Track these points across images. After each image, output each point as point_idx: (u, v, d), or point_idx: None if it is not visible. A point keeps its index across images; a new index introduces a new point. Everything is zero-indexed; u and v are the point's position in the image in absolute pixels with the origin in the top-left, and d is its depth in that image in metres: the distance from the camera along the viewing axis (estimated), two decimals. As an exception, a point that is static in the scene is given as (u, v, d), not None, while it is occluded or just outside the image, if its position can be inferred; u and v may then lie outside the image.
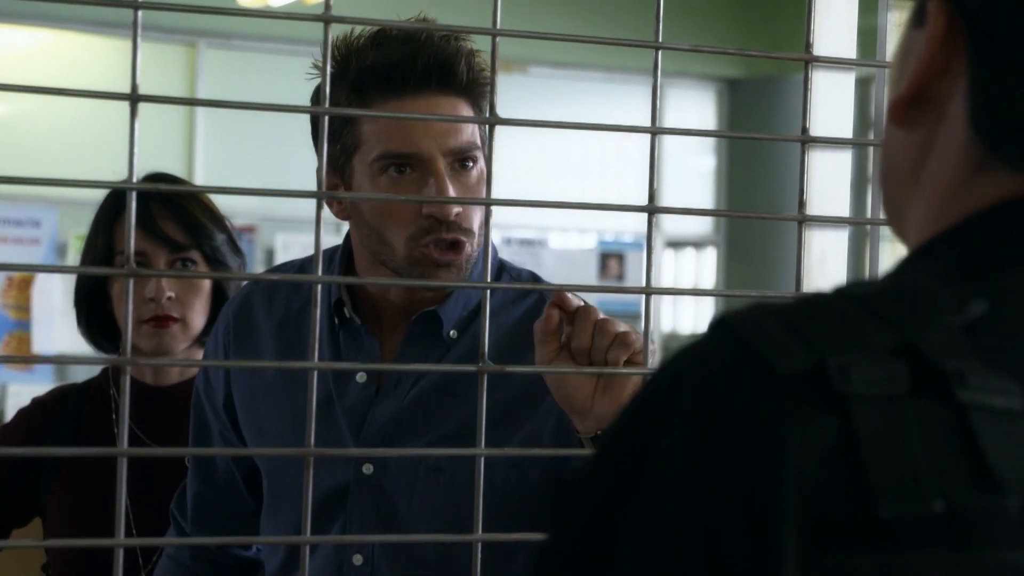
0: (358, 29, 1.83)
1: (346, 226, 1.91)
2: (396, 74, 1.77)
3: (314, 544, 1.80)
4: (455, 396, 1.83)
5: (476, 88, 1.81)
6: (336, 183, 1.84)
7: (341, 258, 1.92)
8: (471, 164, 1.80)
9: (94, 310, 2.32)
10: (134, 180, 1.22)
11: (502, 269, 1.92)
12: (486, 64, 1.81)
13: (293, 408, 1.88)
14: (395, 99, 1.77)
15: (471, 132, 1.80)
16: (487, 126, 1.30)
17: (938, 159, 0.80)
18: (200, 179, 7.21)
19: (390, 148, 1.78)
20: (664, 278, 8.59)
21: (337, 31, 1.83)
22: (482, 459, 1.32)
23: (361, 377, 1.87)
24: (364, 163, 1.80)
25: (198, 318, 2.29)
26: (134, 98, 1.18)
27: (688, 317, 8.97)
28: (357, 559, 1.84)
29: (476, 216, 1.80)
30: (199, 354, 2.34)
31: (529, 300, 1.87)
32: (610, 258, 8.01)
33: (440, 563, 1.82)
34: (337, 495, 1.85)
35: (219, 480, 2.02)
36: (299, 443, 1.83)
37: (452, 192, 1.77)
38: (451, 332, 1.86)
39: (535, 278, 1.92)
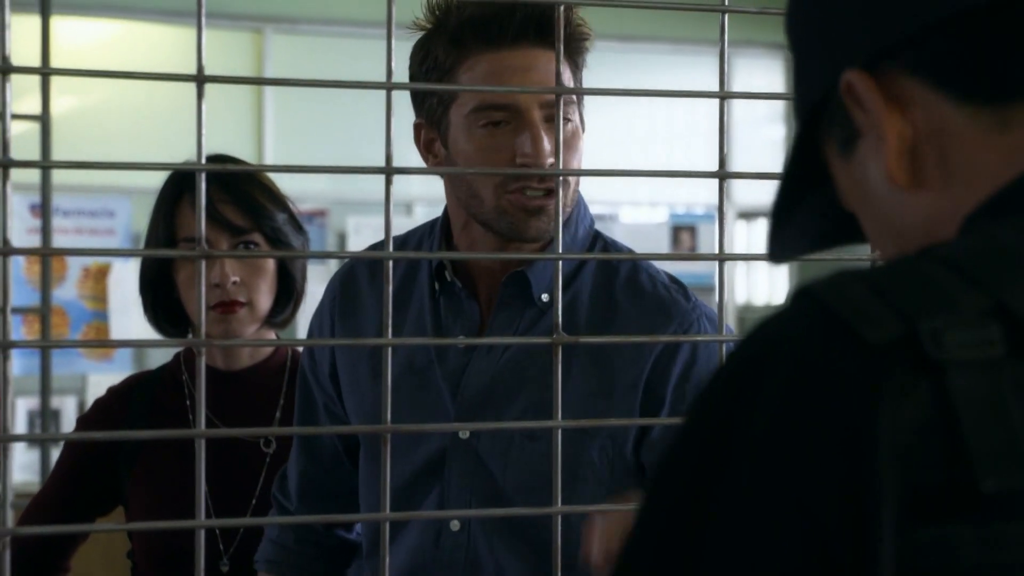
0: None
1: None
2: (494, 26, 1.79)
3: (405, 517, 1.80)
4: (547, 362, 1.83)
5: (573, 43, 1.82)
6: (432, 136, 1.86)
7: (441, 226, 1.93)
8: (566, 120, 1.80)
9: (159, 298, 2.32)
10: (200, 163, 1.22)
11: (596, 238, 1.91)
12: (584, 20, 1.84)
13: (393, 374, 1.91)
14: (492, 51, 1.79)
15: (569, 86, 1.79)
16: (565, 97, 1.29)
17: (956, 154, 0.79)
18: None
19: (486, 99, 1.79)
20: (736, 248, 8.53)
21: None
22: (559, 431, 1.31)
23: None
24: (460, 115, 1.82)
25: (264, 300, 2.28)
26: (200, 79, 1.18)
27: (763, 288, 8.91)
28: (454, 524, 1.86)
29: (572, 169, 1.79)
30: (269, 336, 2.35)
31: (624, 270, 1.86)
32: (682, 231, 7.95)
33: (534, 530, 1.82)
34: (436, 461, 1.86)
35: (325, 456, 2.05)
36: (397, 408, 1.87)
37: (546, 144, 1.77)
38: (543, 296, 1.86)
39: (629, 250, 1.92)
